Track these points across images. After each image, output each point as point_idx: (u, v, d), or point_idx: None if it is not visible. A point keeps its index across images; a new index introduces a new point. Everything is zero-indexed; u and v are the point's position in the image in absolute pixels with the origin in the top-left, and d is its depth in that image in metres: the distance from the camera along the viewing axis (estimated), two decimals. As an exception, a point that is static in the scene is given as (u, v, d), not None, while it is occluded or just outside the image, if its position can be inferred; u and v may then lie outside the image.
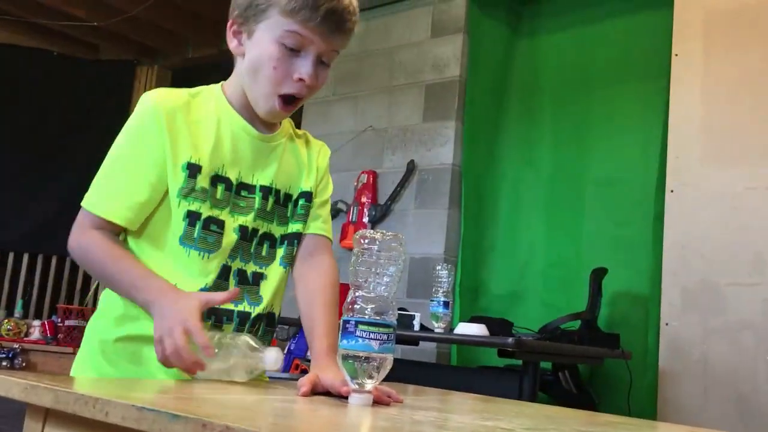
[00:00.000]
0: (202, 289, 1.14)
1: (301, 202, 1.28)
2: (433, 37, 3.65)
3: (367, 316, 0.93)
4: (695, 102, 2.77)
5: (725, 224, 2.62)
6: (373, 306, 0.94)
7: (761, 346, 2.47)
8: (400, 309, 2.68)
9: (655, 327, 2.74)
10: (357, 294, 0.95)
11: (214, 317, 1.15)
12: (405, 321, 2.53)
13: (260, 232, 1.23)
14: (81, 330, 4.94)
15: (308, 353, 3.30)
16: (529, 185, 3.44)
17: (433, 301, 2.60)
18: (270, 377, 1.30)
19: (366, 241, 0.97)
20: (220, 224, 1.17)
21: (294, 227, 1.27)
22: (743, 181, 2.61)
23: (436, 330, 2.56)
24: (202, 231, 1.15)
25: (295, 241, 1.28)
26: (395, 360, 0.96)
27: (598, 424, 1.01)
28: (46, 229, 5.15)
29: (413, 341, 2.99)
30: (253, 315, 1.21)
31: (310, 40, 1.14)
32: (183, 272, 1.14)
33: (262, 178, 1.23)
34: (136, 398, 0.73)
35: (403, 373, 1.60)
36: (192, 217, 1.14)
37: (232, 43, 1.20)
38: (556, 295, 3.17)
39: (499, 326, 2.57)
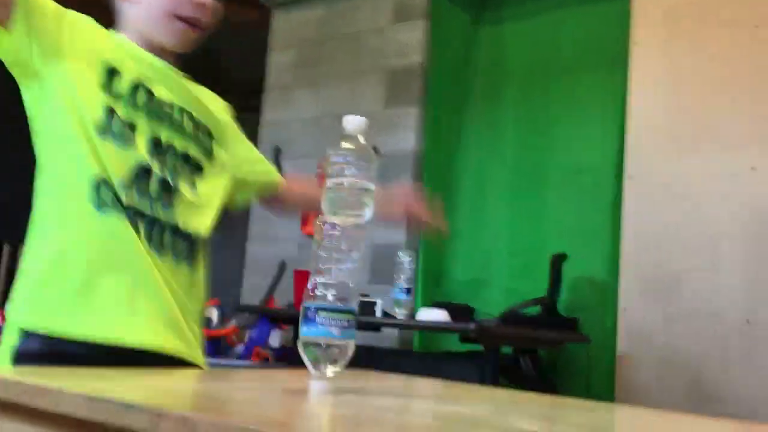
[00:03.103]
0: (118, 181, 1.13)
1: (215, 137, 1.32)
2: (395, 23, 3.63)
3: (328, 303, 0.92)
4: (654, 90, 2.81)
5: (683, 211, 2.66)
6: (335, 292, 0.93)
7: (716, 331, 2.53)
8: (362, 295, 2.67)
9: (613, 312, 2.78)
10: (318, 280, 0.94)
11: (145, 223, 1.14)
12: (367, 307, 2.53)
13: (179, 149, 1.22)
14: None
15: (269, 341, 3.28)
16: (491, 172, 3.45)
17: (395, 287, 2.60)
18: (231, 365, 1.28)
19: (327, 227, 0.96)
20: (134, 127, 1.17)
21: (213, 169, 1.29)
22: (701, 169, 2.66)
23: (398, 316, 2.56)
24: (121, 127, 1.15)
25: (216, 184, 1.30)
26: (357, 346, 0.95)
27: (558, 407, 1.02)
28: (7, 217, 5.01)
29: (375, 327, 2.99)
30: (168, 225, 1.19)
31: None
32: (102, 160, 1.13)
33: (178, 100, 1.25)
34: (88, 387, 0.71)
35: (366, 359, 1.60)
36: (110, 112, 1.14)
37: None
38: (518, 281, 3.20)
39: (460, 312, 2.59)
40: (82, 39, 1.17)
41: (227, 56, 6.07)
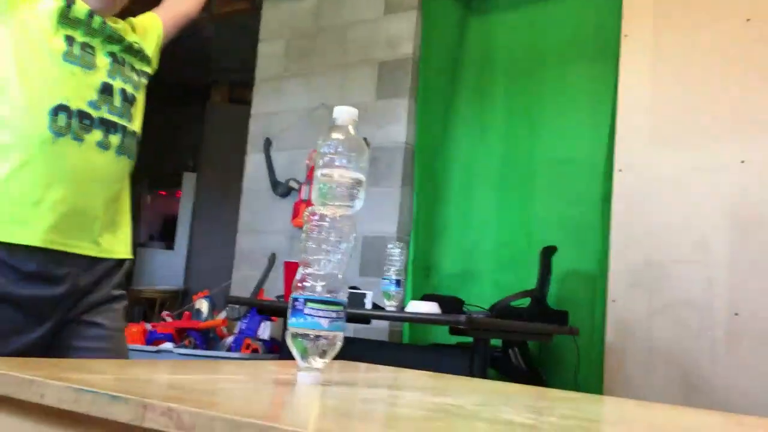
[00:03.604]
0: (89, 102, 1.37)
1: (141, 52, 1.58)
2: (386, 14, 3.62)
3: (317, 294, 0.92)
4: (644, 83, 2.81)
5: (671, 204, 2.67)
6: (324, 284, 0.93)
7: (703, 323, 2.54)
8: (351, 287, 2.67)
9: (602, 304, 2.79)
10: (307, 271, 0.94)
11: (104, 127, 1.39)
12: (357, 299, 2.53)
13: (127, 61, 1.49)
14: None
15: (259, 332, 3.28)
16: (481, 164, 3.45)
17: (385, 279, 2.59)
18: (221, 357, 1.28)
19: (316, 218, 0.95)
20: (94, 49, 1.41)
21: (144, 67, 1.59)
22: (690, 162, 2.66)
23: (388, 308, 2.56)
24: (81, 50, 1.38)
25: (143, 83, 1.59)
26: (347, 338, 0.95)
27: (547, 399, 1.02)
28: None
29: (365, 319, 2.99)
30: (129, 130, 1.47)
31: None
32: (69, 85, 1.35)
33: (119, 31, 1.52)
34: (73, 379, 0.70)
35: (355, 351, 1.60)
36: (70, 39, 1.37)
37: None
38: (507, 273, 3.21)
39: (450, 304, 2.59)
40: None
41: (217, 46, 6.04)
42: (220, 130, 6.26)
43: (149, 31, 1.63)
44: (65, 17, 1.37)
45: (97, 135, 1.37)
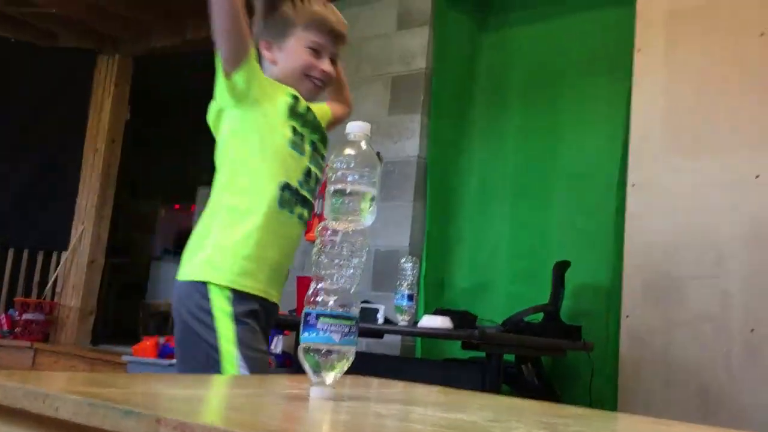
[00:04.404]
0: (299, 182, 1.65)
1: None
2: (399, 30, 3.64)
3: (329, 309, 0.92)
4: (657, 97, 2.80)
5: (685, 218, 2.66)
6: (336, 298, 0.93)
7: (720, 338, 2.52)
8: (364, 302, 2.67)
9: (616, 319, 2.77)
10: (319, 286, 0.94)
11: (303, 203, 1.65)
12: (369, 314, 2.52)
13: (318, 149, 1.75)
14: (39, 324, 4.85)
15: (271, 346, 3.27)
16: (494, 178, 3.45)
17: (397, 293, 2.59)
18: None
19: (328, 233, 0.95)
20: (303, 138, 1.68)
21: (325, 152, 1.81)
22: (703, 176, 2.65)
23: (401, 323, 2.56)
24: (299, 139, 1.66)
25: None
26: (359, 353, 0.95)
27: (560, 416, 1.01)
28: (2, 221, 5.03)
29: (377, 334, 2.99)
30: (312, 206, 1.72)
31: (324, 46, 1.73)
32: (291, 167, 1.64)
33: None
34: (86, 393, 0.71)
35: (368, 366, 1.59)
36: (293, 129, 1.65)
37: (266, 56, 1.72)
38: (520, 287, 3.19)
39: (463, 319, 2.58)
40: (269, 82, 1.67)
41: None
42: (234, 144, 6.30)
43: (323, 119, 1.85)
44: (292, 111, 1.66)
45: (299, 209, 1.66)
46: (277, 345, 3.28)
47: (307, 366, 0.92)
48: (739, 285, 2.51)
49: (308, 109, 1.71)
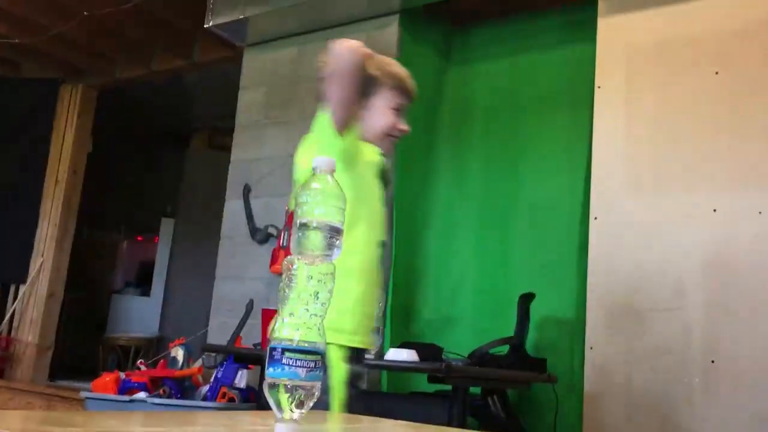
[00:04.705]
0: (380, 241, 1.75)
1: None
2: (365, 64, 3.67)
3: (294, 344, 0.91)
4: (617, 132, 2.87)
5: (647, 250, 2.70)
6: (301, 333, 0.93)
7: (681, 370, 2.55)
8: (330, 335, 2.65)
9: (580, 351, 2.79)
10: (285, 321, 0.93)
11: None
12: (335, 347, 2.50)
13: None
14: (-5, 359, 4.70)
15: (235, 381, 3.22)
16: (460, 211, 3.48)
17: (363, 327, 2.58)
18: (196, 407, 1.26)
19: (294, 267, 0.95)
20: (385, 193, 1.80)
21: None
22: (663, 210, 2.71)
23: (367, 356, 2.54)
24: (385, 195, 1.78)
25: None
26: (326, 387, 0.94)
27: (526, 450, 1.01)
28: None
29: (344, 368, 2.95)
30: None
31: (405, 106, 1.87)
32: (381, 222, 1.75)
33: None
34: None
35: (333, 400, 1.57)
36: (379, 186, 1.77)
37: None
38: (486, 320, 3.20)
39: (429, 351, 2.57)
40: (361, 143, 1.77)
41: (198, 93, 6.08)
42: (199, 176, 6.27)
43: None
44: (380, 169, 1.78)
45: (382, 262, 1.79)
46: (241, 379, 3.23)
47: (272, 402, 0.91)
48: (699, 317, 2.55)
49: (387, 165, 1.85)
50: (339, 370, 1.62)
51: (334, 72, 1.70)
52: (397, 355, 2.43)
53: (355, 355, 1.69)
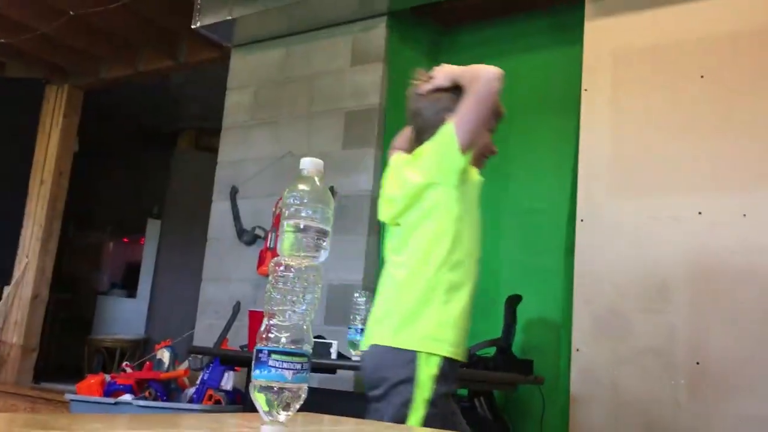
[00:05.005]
0: (479, 258, 1.84)
1: None
2: (353, 66, 3.67)
3: (281, 346, 0.91)
4: (603, 135, 2.88)
5: (633, 253, 2.72)
6: (288, 335, 0.92)
7: (667, 371, 2.56)
8: (317, 337, 2.64)
9: (566, 353, 2.80)
10: (271, 323, 0.93)
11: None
12: (322, 349, 2.50)
13: None
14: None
15: (222, 383, 3.21)
16: (446, 213, 3.47)
17: (351, 328, 2.58)
18: (182, 409, 1.25)
19: (281, 268, 0.95)
20: None
21: None
22: (649, 213, 2.72)
23: (354, 358, 2.54)
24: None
25: None
26: (312, 389, 0.94)
27: (512, 452, 1.01)
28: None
29: (330, 370, 2.95)
30: None
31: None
32: (478, 240, 1.85)
33: None
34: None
35: (320, 402, 1.57)
36: (477, 205, 1.87)
37: None
38: (473, 321, 3.20)
39: (416, 354, 2.57)
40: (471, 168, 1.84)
41: (185, 94, 6.05)
42: (186, 177, 6.24)
43: None
44: (480, 189, 1.85)
45: None
46: (228, 382, 3.22)
47: (258, 404, 0.90)
48: (684, 319, 2.57)
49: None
50: (425, 389, 1.65)
51: (478, 94, 1.76)
52: (384, 356, 2.42)
53: (452, 368, 1.71)
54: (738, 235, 2.53)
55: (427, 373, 1.65)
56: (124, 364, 3.58)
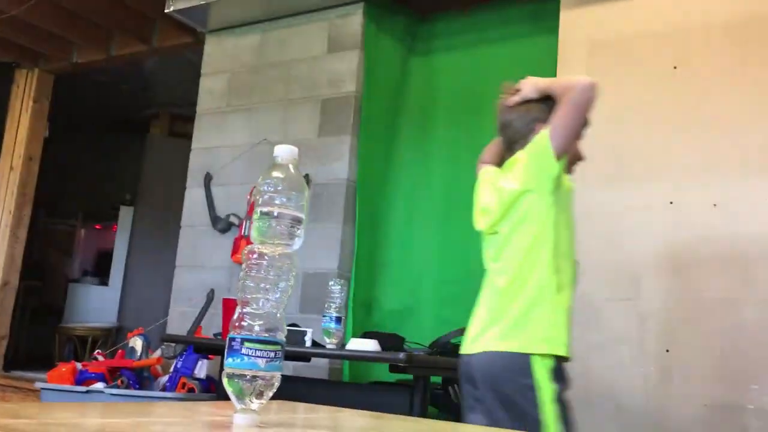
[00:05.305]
0: (576, 261, 1.87)
1: None
2: (329, 53, 3.65)
3: (254, 334, 0.91)
4: (578, 125, 2.90)
5: (604, 242, 2.75)
6: (262, 323, 0.92)
7: (637, 359, 2.60)
8: (292, 325, 2.64)
9: (540, 341, 2.83)
10: (245, 311, 0.93)
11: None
12: (296, 337, 2.50)
13: None
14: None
15: (195, 371, 3.20)
16: (423, 201, 3.49)
17: (325, 316, 2.58)
18: (155, 398, 1.25)
19: (255, 256, 0.94)
20: None
21: None
22: (621, 202, 2.75)
23: (328, 346, 2.54)
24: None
25: None
26: (286, 377, 0.94)
27: (485, 439, 1.02)
28: None
29: (305, 357, 2.96)
30: None
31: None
32: (573, 243, 1.85)
33: None
34: (-4, 425, 0.67)
35: (295, 390, 1.57)
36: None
37: None
38: (448, 310, 3.22)
39: (391, 341, 2.58)
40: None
41: (158, 79, 5.98)
42: (160, 163, 6.17)
43: None
44: (573, 195, 1.88)
45: None
46: (201, 370, 3.21)
47: (231, 392, 0.90)
48: (654, 307, 2.61)
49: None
50: (548, 388, 1.73)
51: (574, 102, 1.82)
52: (358, 345, 2.44)
53: (563, 366, 1.79)
54: (708, 224, 2.57)
55: (544, 374, 1.73)
56: (96, 352, 3.55)
